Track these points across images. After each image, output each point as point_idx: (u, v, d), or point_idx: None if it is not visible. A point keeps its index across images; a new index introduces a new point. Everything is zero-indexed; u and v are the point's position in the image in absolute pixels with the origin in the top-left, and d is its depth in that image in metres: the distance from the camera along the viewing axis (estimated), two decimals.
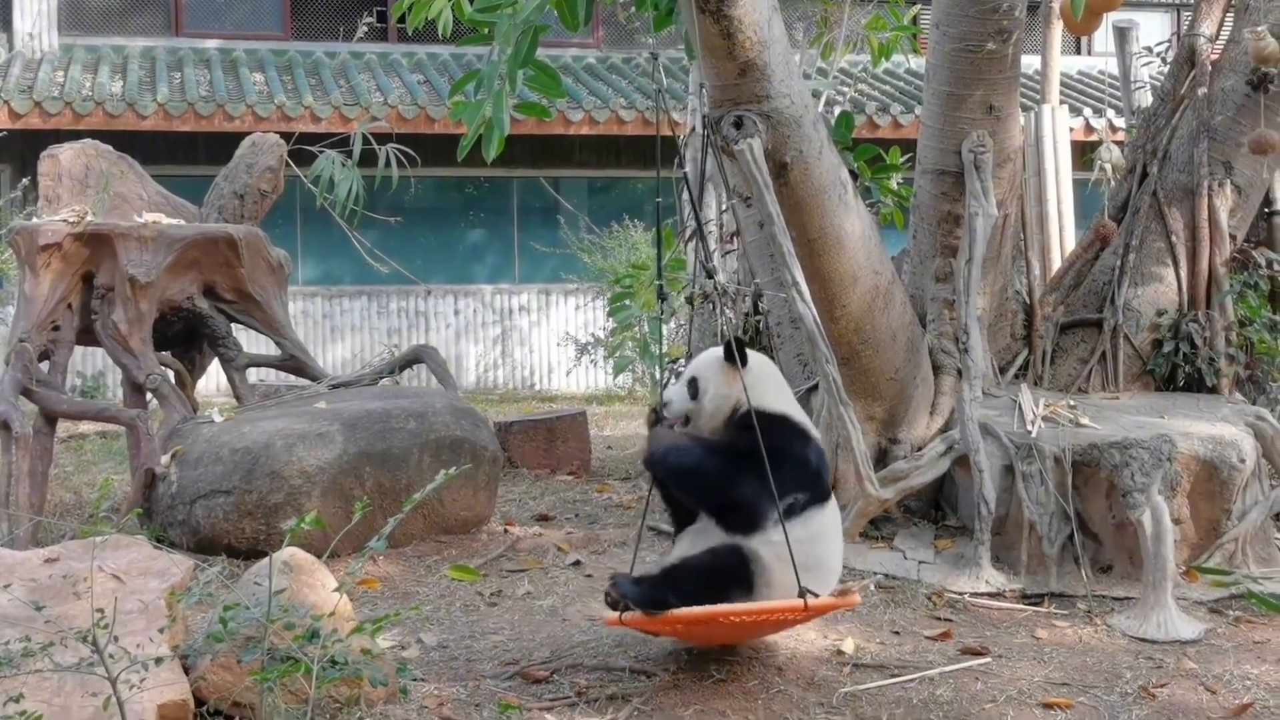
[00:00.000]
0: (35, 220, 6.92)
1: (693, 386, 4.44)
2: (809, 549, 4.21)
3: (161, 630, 3.70)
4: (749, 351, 4.47)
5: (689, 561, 4.27)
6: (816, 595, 4.09)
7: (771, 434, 4.20)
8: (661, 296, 4.93)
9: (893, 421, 6.24)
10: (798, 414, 4.47)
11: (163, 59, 18.03)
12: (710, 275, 4.99)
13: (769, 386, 4.44)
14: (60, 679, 3.73)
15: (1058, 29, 10.22)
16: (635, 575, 4.25)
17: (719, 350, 4.48)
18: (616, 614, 4.16)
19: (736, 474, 4.23)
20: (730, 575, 4.15)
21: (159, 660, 2.98)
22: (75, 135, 8.36)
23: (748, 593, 4.15)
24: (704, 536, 4.33)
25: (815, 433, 4.50)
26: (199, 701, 3.89)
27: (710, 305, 7.87)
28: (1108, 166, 7.53)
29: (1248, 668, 4.73)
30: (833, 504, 4.44)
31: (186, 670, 3.92)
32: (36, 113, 15.81)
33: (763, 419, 4.25)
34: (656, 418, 4.50)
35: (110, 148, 7.58)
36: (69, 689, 3.74)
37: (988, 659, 4.75)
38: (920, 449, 6.17)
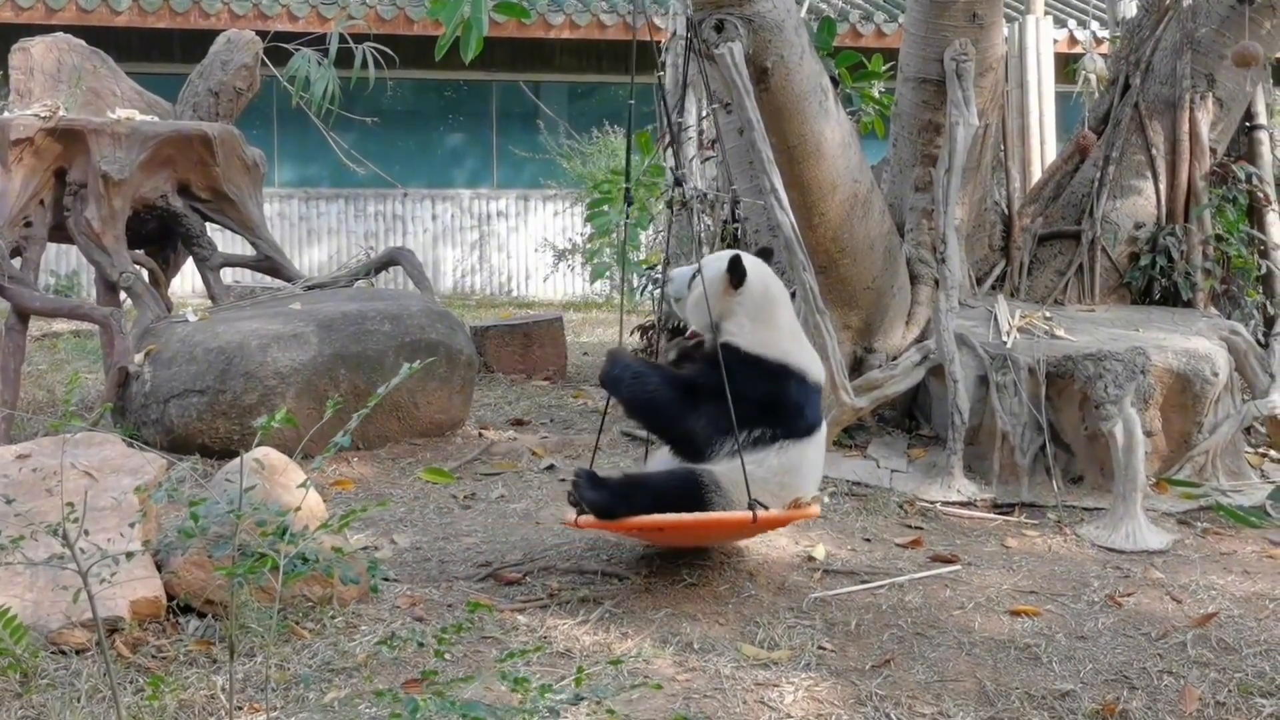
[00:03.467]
0: (6, 114, 6.83)
1: (695, 279, 4.36)
2: (783, 479, 4.22)
3: (132, 525, 3.70)
4: (755, 274, 4.33)
5: (648, 480, 4.31)
6: (766, 508, 4.11)
7: (744, 370, 4.19)
8: (628, 200, 4.85)
9: (869, 330, 6.24)
10: (790, 348, 4.34)
11: None
12: (679, 183, 4.90)
13: (756, 315, 4.31)
14: (32, 575, 3.73)
15: None
16: (599, 477, 4.23)
17: (731, 257, 4.34)
18: (575, 515, 4.21)
19: (689, 407, 4.21)
20: (683, 499, 4.15)
21: (130, 555, 2.98)
22: (48, 30, 8.24)
23: (700, 510, 4.17)
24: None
25: (808, 368, 4.35)
26: (171, 599, 3.90)
27: (689, 211, 7.85)
28: (1092, 77, 7.50)
29: (1213, 578, 4.78)
30: (816, 438, 4.38)
31: (159, 567, 3.93)
32: (9, 6, 15.58)
33: (736, 353, 4.23)
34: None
35: (83, 42, 7.48)
36: (41, 584, 3.74)
37: (957, 567, 4.78)
38: (896, 358, 6.18)
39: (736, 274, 4.28)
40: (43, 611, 3.68)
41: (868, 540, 5.11)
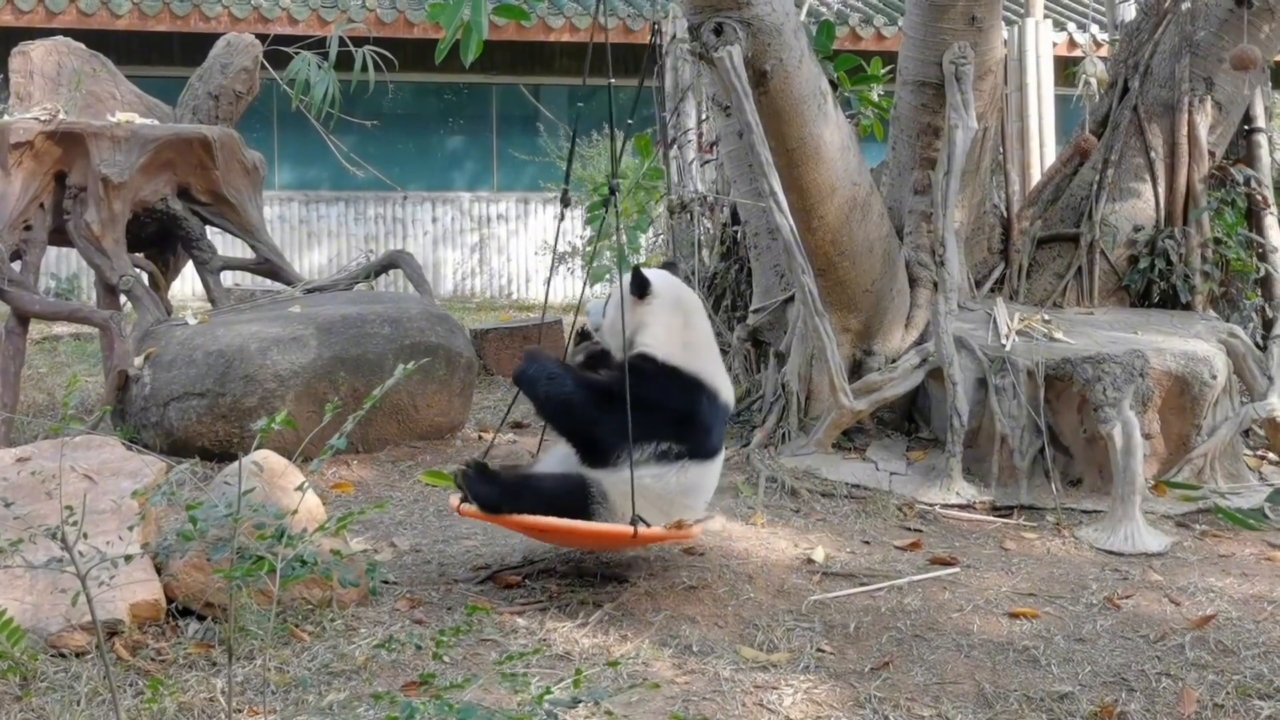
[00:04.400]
0: (6, 118, 6.84)
1: (609, 303, 4.34)
2: (677, 498, 4.20)
3: (131, 528, 3.70)
4: (661, 284, 4.30)
5: (538, 482, 4.28)
6: (649, 525, 4.08)
7: (660, 379, 4.16)
8: (564, 202, 4.80)
9: (868, 333, 6.24)
10: (705, 365, 4.29)
11: None
12: (613, 191, 4.73)
13: (670, 325, 4.26)
14: (32, 578, 3.73)
15: None
16: (490, 471, 4.23)
17: (632, 269, 4.31)
18: (458, 501, 4.22)
19: (600, 414, 4.16)
20: (569, 506, 4.13)
21: (128, 558, 2.98)
22: (48, 33, 8.25)
23: (584, 519, 4.15)
24: (569, 457, 4.34)
25: (720, 387, 4.30)
26: (171, 601, 3.91)
27: (688, 215, 7.87)
28: (1092, 81, 7.50)
29: (1212, 580, 4.78)
30: (717, 461, 4.35)
31: (159, 570, 3.93)
32: (9, 9, 15.58)
33: (653, 361, 4.19)
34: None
35: (83, 45, 7.49)
36: (40, 587, 3.75)
37: (956, 569, 4.79)
38: (895, 361, 6.18)
39: (638, 284, 4.24)
40: (42, 614, 3.69)
41: (867, 543, 5.11)
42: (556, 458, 4.43)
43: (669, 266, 4.63)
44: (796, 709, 3.58)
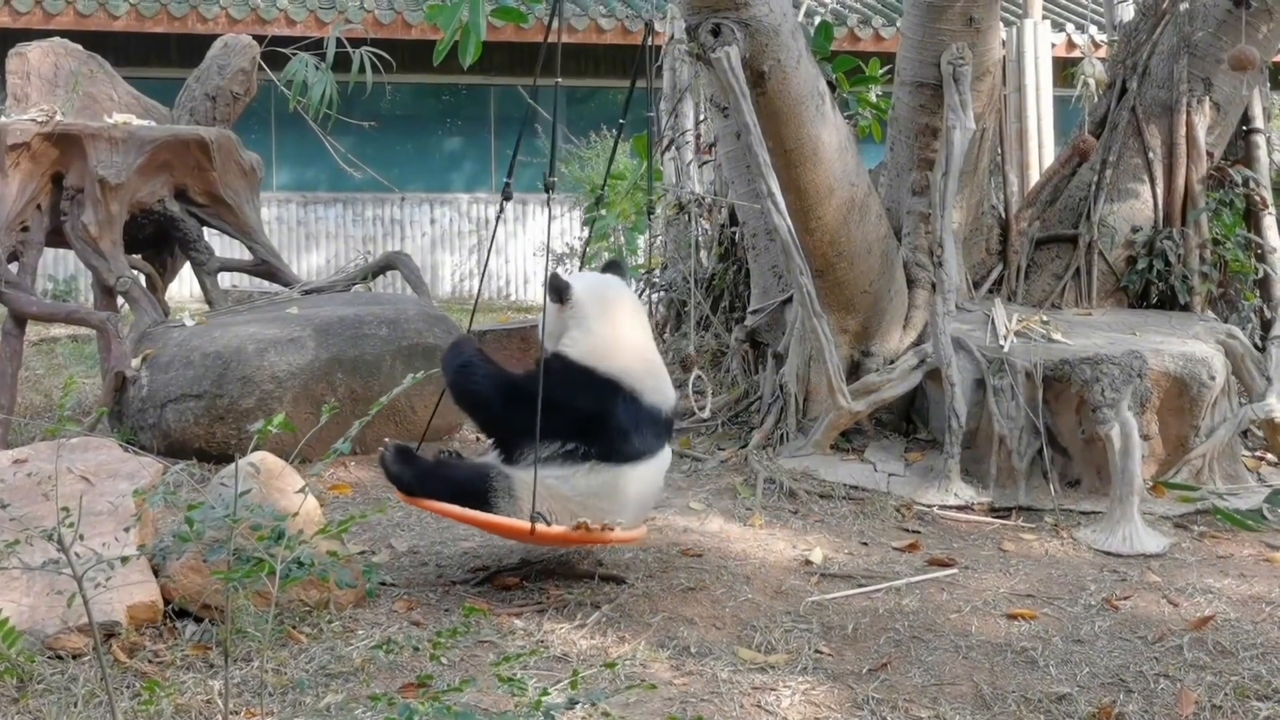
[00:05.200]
0: (3, 119, 6.84)
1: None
2: (587, 501, 4.16)
3: (128, 529, 3.70)
4: (582, 285, 4.30)
5: (450, 470, 4.34)
6: (549, 524, 4.09)
7: (568, 378, 4.15)
8: (507, 196, 4.78)
9: (866, 334, 6.24)
10: (628, 364, 4.23)
11: None
12: (548, 189, 4.68)
13: (593, 328, 4.24)
14: (29, 580, 3.73)
15: None
16: (410, 454, 4.31)
17: (550, 276, 4.29)
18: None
19: (508, 408, 4.18)
20: (474, 495, 4.17)
21: (125, 559, 2.98)
22: (46, 35, 8.25)
23: (486, 510, 4.19)
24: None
25: (642, 390, 4.23)
26: (168, 603, 3.90)
27: (686, 216, 7.86)
28: (1091, 81, 7.50)
29: (1210, 581, 4.78)
30: (643, 467, 4.25)
31: (156, 572, 3.93)
32: (6, 11, 15.58)
33: (564, 361, 4.19)
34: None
35: (80, 47, 7.49)
36: (37, 589, 3.74)
37: (954, 570, 4.79)
38: (893, 362, 6.18)
39: (555, 290, 4.24)
40: (39, 616, 3.68)
41: (865, 544, 5.11)
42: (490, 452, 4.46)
43: (612, 266, 4.59)
44: (794, 710, 3.58)
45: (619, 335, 4.28)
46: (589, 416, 4.16)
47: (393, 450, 4.28)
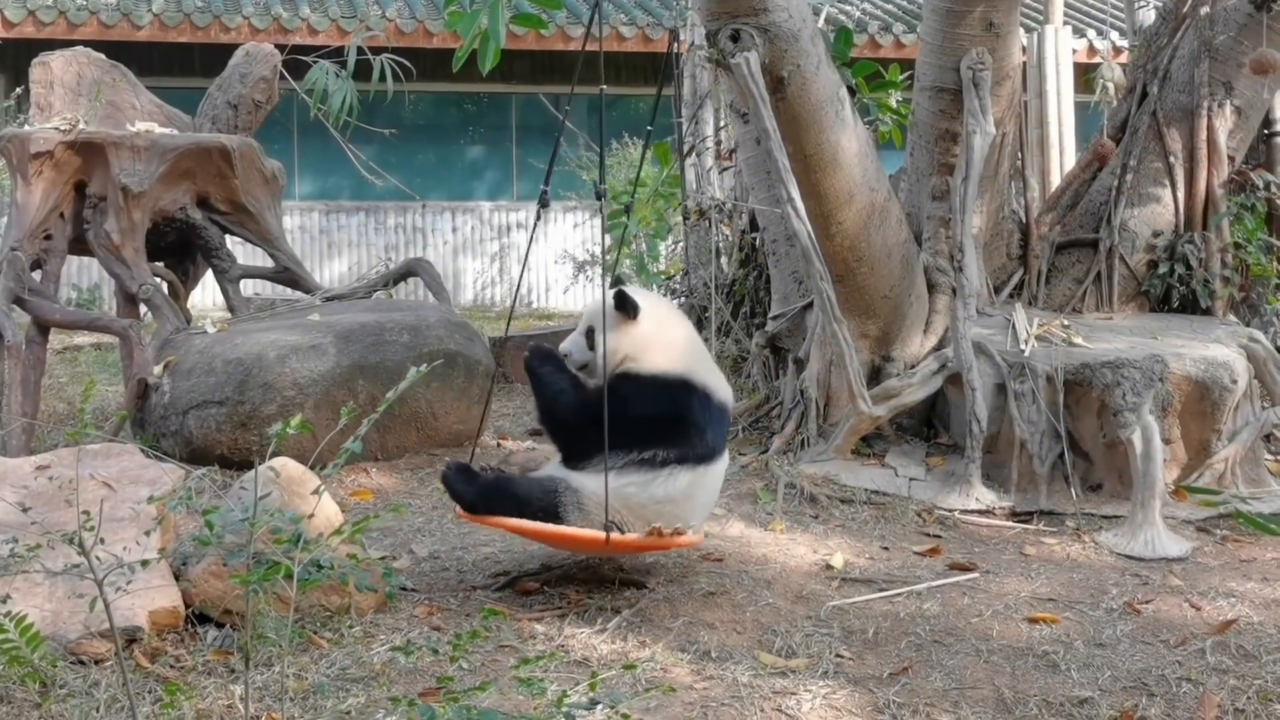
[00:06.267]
0: (27, 128, 6.88)
1: (589, 337, 4.32)
2: (663, 507, 4.17)
3: (148, 533, 3.71)
4: (643, 299, 4.33)
5: (515, 485, 4.28)
6: (623, 532, 4.10)
7: (642, 389, 4.17)
8: (544, 204, 4.76)
9: (886, 339, 6.23)
10: (693, 367, 4.29)
11: None
12: (599, 196, 4.71)
13: (657, 339, 4.28)
14: (51, 586, 3.74)
15: None
16: (471, 471, 4.29)
17: (614, 293, 4.31)
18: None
19: (587, 417, 4.15)
20: (543, 509, 4.14)
21: (145, 563, 2.99)
22: (69, 45, 8.29)
23: (556, 523, 4.16)
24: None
25: (713, 387, 4.30)
26: (190, 608, 3.92)
27: (706, 222, 7.87)
28: (1110, 86, 7.48)
29: (1233, 585, 4.76)
30: (715, 466, 4.31)
31: (177, 578, 3.94)
32: (30, 21, 15.68)
33: (645, 377, 4.20)
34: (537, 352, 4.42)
35: (103, 56, 7.53)
36: (60, 595, 3.76)
37: (975, 575, 4.78)
38: (913, 367, 6.17)
39: (627, 306, 4.26)
40: (62, 622, 3.70)
41: (886, 548, 5.10)
42: (552, 464, 4.44)
43: (618, 282, 4.64)
44: (815, 714, 3.58)
45: (681, 339, 4.36)
46: (667, 418, 4.19)
47: (455, 469, 4.26)
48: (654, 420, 4.17)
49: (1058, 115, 9.58)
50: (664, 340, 4.30)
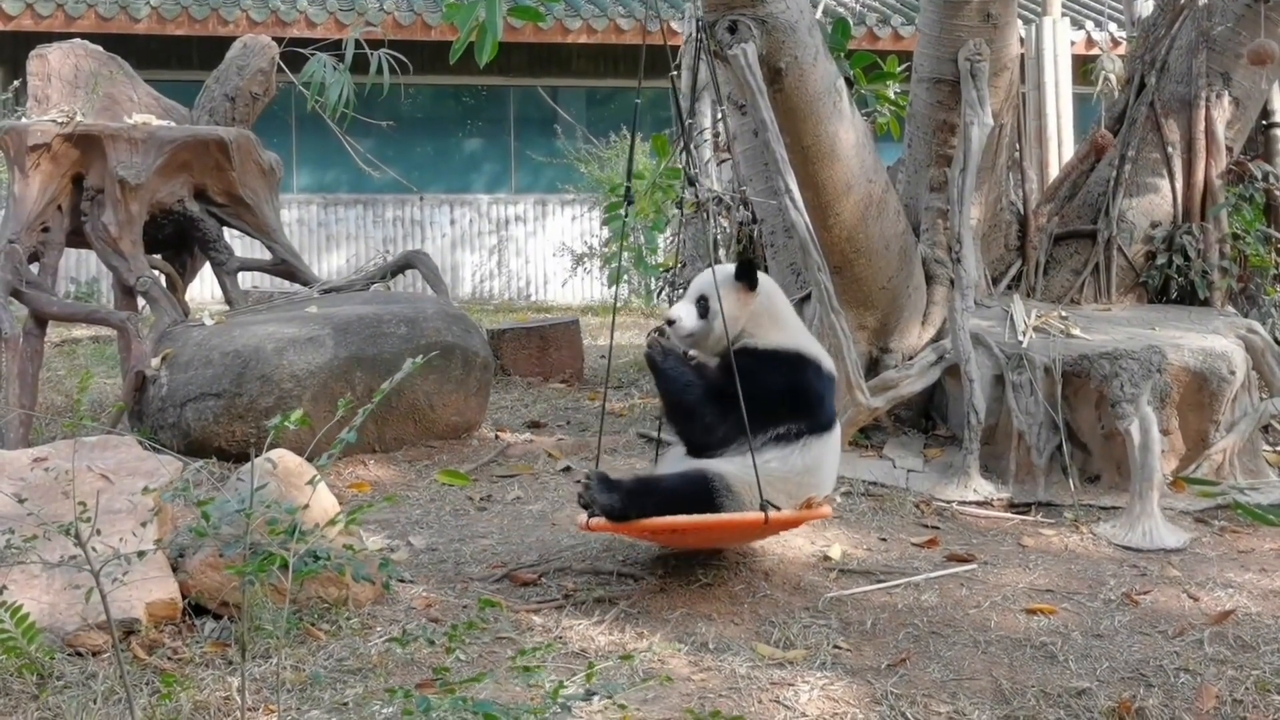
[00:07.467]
0: (24, 120, 6.87)
1: (702, 305, 4.28)
2: (803, 478, 4.21)
3: (145, 525, 3.71)
4: (760, 275, 4.37)
5: (659, 482, 4.24)
6: (779, 509, 4.09)
7: (763, 365, 4.19)
8: (628, 199, 4.74)
9: (884, 331, 6.23)
10: (803, 341, 4.37)
11: None
12: (692, 183, 4.80)
13: (775, 313, 4.34)
14: (48, 577, 3.75)
15: None
16: (611, 479, 4.13)
17: (728, 268, 4.33)
18: (587, 517, 4.11)
19: (717, 403, 4.17)
20: (694, 500, 4.09)
21: (141, 554, 2.99)
22: (67, 37, 8.27)
23: (713, 513, 4.12)
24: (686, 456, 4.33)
25: (821, 357, 4.37)
26: (187, 600, 3.91)
27: (704, 214, 7.85)
28: (1112, 78, 7.48)
29: (1231, 576, 4.76)
30: (835, 433, 4.37)
31: (174, 570, 3.94)
32: (28, 14, 15.64)
33: (754, 353, 4.23)
34: (661, 338, 4.37)
35: (100, 48, 7.51)
36: (57, 587, 3.76)
37: (973, 566, 4.78)
38: (911, 358, 6.17)
39: (750, 278, 4.29)
40: (59, 614, 3.70)
41: (884, 540, 5.10)
42: (675, 456, 4.42)
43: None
44: (813, 706, 3.58)
45: (788, 315, 4.42)
46: (792, 392, 4.22)
47: (596, 481, 4.09)
48: (783, 394, 4.20)
49: (1056, 106, 9.57)
50: (777, 313, 4.36)
